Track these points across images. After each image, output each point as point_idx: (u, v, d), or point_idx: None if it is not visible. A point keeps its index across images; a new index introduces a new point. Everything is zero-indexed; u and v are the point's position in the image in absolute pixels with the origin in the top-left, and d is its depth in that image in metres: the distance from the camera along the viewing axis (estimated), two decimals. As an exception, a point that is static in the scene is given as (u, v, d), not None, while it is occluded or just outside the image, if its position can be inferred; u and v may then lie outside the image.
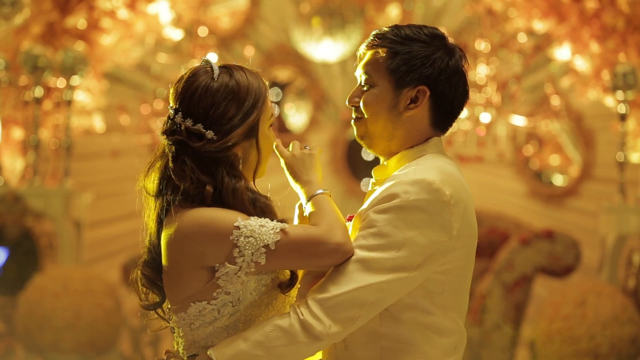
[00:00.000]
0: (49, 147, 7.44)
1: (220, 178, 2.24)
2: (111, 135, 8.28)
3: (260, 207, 2.26)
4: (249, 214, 2.23)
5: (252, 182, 2.32)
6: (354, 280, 2.16)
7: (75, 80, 7.12)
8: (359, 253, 2.18)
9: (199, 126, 2.24)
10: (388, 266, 2.16)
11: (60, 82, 7.17)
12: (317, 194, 2.28)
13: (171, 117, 2.28)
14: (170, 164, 2.27)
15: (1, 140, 7.28)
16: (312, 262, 2.21)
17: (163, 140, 2.31)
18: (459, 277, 2.25)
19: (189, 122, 2.24)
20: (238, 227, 2.17)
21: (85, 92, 7.56)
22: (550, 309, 6.14)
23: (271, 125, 2.35)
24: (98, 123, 7.79)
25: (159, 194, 2.29)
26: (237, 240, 2.16)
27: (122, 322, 6.78)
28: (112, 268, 7.86)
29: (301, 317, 2.16)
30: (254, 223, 2.17)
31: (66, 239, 6.97)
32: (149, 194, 2.31)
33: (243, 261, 2.17)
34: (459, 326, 2.28)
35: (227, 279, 2.19)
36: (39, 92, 7.06)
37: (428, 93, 2.28)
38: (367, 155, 8.27)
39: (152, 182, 2.30)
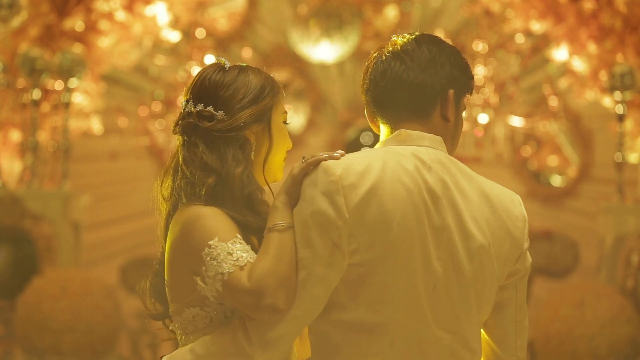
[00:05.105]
0: (47, 149, 7.42)
1: (226, 160, 2.24)
2: (109, 137, 8.28)
3: (247, 195, 2.23)
4: (235, 200, 2.21)
5: (262, 174, 2.31)
6: None
7: (73, 82, 7.11)
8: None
9: (210, 109, 2.27)
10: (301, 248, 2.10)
11: (58, 85, 7.16)
12: (273, 227, 2.12)
13: (182, 110, 2.31)
14: (181, 152, 2.28)
15: (-1, 142, 7.28)
16: (246, 311, 2.09)
17: (177, 138, 2.32)
18: (387, 268, 2.10)
19: (200, 107, 2.28)
20: (210, 246, 2.11)
21: (83, 95, 7.56)
22: (549, 309, 6.13)
23: (285, 123, 2.36)
24: (96, 125, 7.78)
25: (171, 195, 2.29)
26: (205, 258, 2.10)
27: (121, 325, 6.77)
28: (110, 270, 7.85)
29: (237, 333, 2.11)
30: (226, 248, 2.10)
31: (64, 241, 6.96)
32: (163, 198, 2.31)
33: (209, 282, 2.11)
34: (399, 319, 2.12)
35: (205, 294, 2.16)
36: (36, 94, 7.05)
37: None
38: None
39: (166, 186, 2.31)
